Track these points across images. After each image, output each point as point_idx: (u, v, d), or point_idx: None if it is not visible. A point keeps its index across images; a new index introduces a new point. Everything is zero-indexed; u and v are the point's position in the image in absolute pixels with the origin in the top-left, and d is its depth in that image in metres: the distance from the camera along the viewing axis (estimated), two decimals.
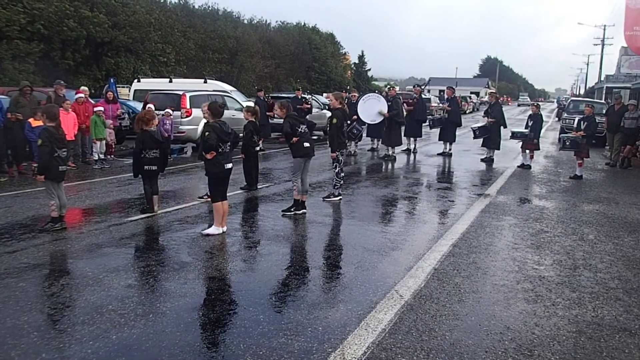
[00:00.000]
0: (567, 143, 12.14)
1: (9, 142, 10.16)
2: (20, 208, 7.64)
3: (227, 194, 6.72)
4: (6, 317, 4.01)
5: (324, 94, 30.55)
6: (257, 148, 9.63)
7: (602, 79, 43.37)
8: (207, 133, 6.23)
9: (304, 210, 7.64)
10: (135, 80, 19.26)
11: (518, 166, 12.95)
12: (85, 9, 24.63)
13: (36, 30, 22.10)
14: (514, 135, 13.23)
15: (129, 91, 19.00)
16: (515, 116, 38.76)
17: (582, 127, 11.97)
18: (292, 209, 7.61)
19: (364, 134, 15.44)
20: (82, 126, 11.80)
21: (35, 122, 10.05)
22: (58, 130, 6.46)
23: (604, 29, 49.59)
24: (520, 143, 13.15)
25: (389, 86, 19.41)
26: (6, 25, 20.67)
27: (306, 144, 7.66)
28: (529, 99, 63.12)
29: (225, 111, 14.02)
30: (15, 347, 3.57)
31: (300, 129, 7.60)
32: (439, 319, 4.13)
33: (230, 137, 6.44)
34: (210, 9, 39.40)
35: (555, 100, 59.40)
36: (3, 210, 7.50)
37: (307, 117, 15.83)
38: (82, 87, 13.37)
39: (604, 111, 15.96)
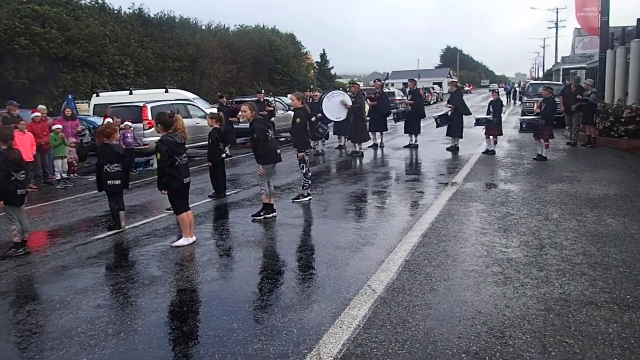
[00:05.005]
0: (524, 126, 12.46)
1: None
2: None
3: (197, 203, 6.65)
4: None
5: (289, 95, 30.52)
6: (223, 155, 9.55)
7: (559, 61, 44.59)
8: (158, 155, 6.12)
9: (274, 214, 7.62)
10: (94, 95, 18.87)
11: (483, 152, 13.19)
12: (37, 25, 24.03)
13: None
14: (479, 122, 13.45)
15: (89, 106, 18.61)
16: (478, 103, 39.44)
17: (542, 109, 12.28)
18: (261, 213, 7.58)
19: (331, 132, 15.49)
20: (42, 142, 11.48)
21: None
22: (12, 153, 6.26)
23: (557, 12, 51.11)
24: (484, 129, 13.39)
25: (353, 83, 19.49)
26: None
27: (277, 150, 7.65)
28: (496, 85, 65.31)
29: (189, 119, 14.01)
30: None
31: (269, 135, 7.55)
32: (412, 310, 4.18)
33: (183, 147, 6.36)
34: (166, 17, 38.73)
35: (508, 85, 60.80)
36: None
37: (272, 119, 15.86)
38: (40, 106, 13.00)
39: (560, 92, 16.36)
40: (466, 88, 75.16)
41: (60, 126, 11.90)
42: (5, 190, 6.14)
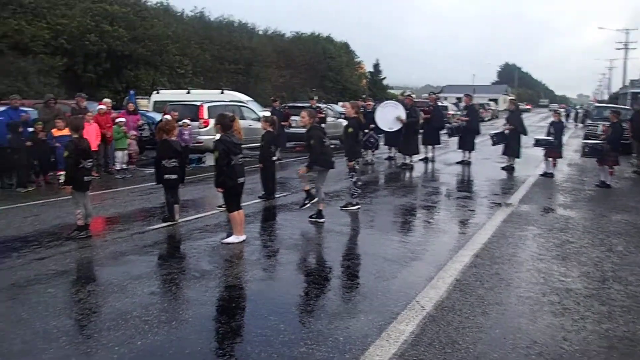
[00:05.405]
0: (587, 150, 11.93)
1: (35, 153, 10.41)
2: (48, 216, 7.82)
3: (247, 203, 6.77)
4: (36, 322, 4.12)
5: (340, 103, 30.59)
6: (274, 158, 9.68)
7: (627, 84, 42.56)
8: (216, 153, 6.27)
9: (323, 219, 7.63)
10: (154, 92, 19.52)
11: (540, 174, 12.71)
12: (106, 23, 25.15)
13: (59, 45, 22.67)
14: (539, 143, 13.02)
15: (149, 103, 19.26)
16: (536, 123, 38.24)
17: (608, 133, 11.74)
18: (306, 201, 7.65)
19: (381, 143, 15.43)
20: (106, 133, 11.98)
21: (57, 132, 10.28)
22: (82, 141, 6.59)
23: (627, 33, 48.96)
24: (544, 151, 12.95)
25: (406, 94, 19.34)
26: (31, 40, 21.24)
27: (332, 158, 7.72)
28: (557, 106, 63.29)
29: (242, 121, 14.25)
30: (46, 351, 3.66)
31: (325, 142, 7.60)
32: (462, 331, 4.06)
33: (240, 148, 6.49)
34: (225, 20, 39.82)
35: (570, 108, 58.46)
36: (31, 218, 7.69)
37: (322, 125, 15.95)
38: (105, 100, 13.65)
39: (629, 117, 15.59)
40: (526, 106, 73.21)
41: (123, 119, 12.41)
42: (73, 176, 6.47)
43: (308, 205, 7.63)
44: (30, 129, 10.54)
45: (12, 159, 10.00)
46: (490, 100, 60.55)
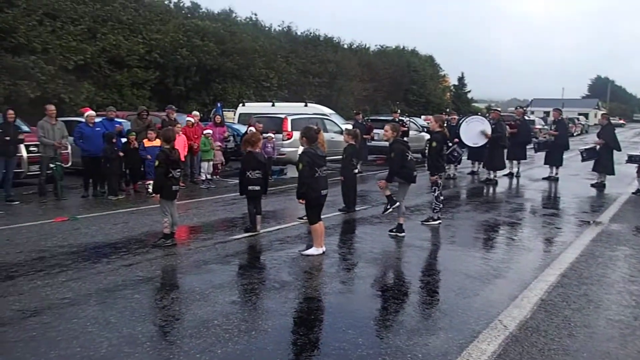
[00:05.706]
0: None
1: (127, 162, 11.08)
2: (136, 224, 8.28)
3: (327, 215, 6.83)
4: (123, 326, 4.32)
5: (423, 117, 30.15)
6: (356, 170, 9.73)
7: None
8: (300, 165, 6.38)
9: (403, 234, 7.56)
10: (240, 105, 20.29)
11: (633, 193, 11.85)
12: (197, 38, 26.53)
13: (153, 59, 24.19)
14: (632, 159, 12.14)
15: (234, 115, 20.03)
16: (629, 139, 35.49)
17: None
18: (388, 207, 7.58)
19: (465, 157, 15.05)
20: (194, 145, 12.56)
21: (148, 143, 10.94)
22: (173, 152, 6.96)
23: None
24: (637, 168, 12.02)
25: (491, 109, 18.70)
26: (127, 54, 22.89)
27: (414, 172, 7.64)
28: None
29: (325, 134, 14.42)
30: (131, 355, 3.82)
31: (408, 156, 7.55)
32: (547, 354, 3.87)
33: (324, 160, 6.57)
34: (311, 35, 40.69)
35: None
36: (121, 225, 8.18)
37: (405, 139, 15.79)
38: (194, 112, 14.36)
39: None
40: (619, 121, 68.58)
41: (210, 131, 13.00)
42: (163, 185, 6.81)
43: (390, 210, 7.58)
44: (124, 140, 11.20)
45: (105, 168, 10.59)
46: (580, 114, 57.33)
